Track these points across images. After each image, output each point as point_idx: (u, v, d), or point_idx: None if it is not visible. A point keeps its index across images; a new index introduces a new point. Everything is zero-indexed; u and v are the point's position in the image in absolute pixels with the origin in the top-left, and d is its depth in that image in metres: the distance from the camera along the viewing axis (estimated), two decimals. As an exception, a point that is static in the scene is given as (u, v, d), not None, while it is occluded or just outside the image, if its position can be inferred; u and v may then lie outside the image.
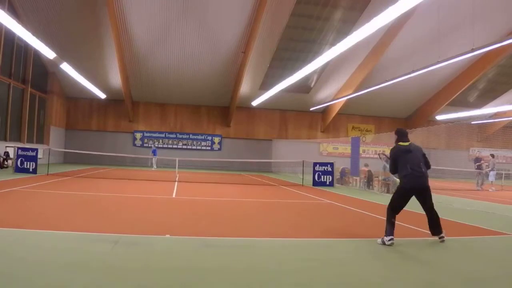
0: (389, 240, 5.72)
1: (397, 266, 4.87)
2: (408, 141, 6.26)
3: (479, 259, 5.43)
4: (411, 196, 6.02)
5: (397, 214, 5.97)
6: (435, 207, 6.14)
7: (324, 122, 31.87)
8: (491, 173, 18.91)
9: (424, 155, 6.21)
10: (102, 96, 27.26)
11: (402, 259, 5.17)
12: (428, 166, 6.19)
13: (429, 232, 6.21)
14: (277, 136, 31.10)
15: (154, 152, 26.50)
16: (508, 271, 4.86)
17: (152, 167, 25.86)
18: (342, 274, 4.43)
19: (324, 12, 21.47)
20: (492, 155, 19.52)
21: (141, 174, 20.24)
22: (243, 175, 24.45)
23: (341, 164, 19.61)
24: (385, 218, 5.99)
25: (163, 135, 30.31)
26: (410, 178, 5.92)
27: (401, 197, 6.01)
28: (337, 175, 18.41)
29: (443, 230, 6.13)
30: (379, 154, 7.61)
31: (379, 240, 5.87)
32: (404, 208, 6.05)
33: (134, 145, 29.84)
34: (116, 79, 25.83)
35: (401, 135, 6.34)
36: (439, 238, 6.05)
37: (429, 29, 20.31)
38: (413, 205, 6.07)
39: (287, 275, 4.25)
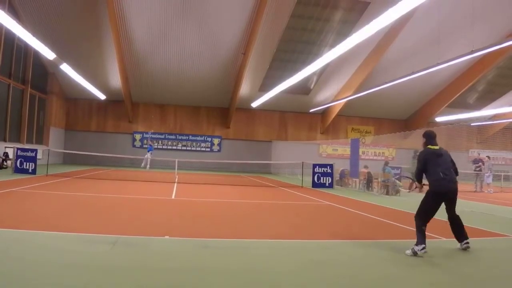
0: (422, 249, 5.36)
1: (398, 267, 4.86)
2: (437, 144, 5.98)
3: (479, 261, 5.42)
4: (442, 201, 5.74)
5: (428, 221, 5.67)
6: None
7: (323, 124, 31.87)
8: (487, 174, 18.93)
9: (452, 160, 5.98)
10: (102, 97, 27.24)
11: (402, 261, 5.16)
12: (456, 172, 5.96)
13: (431, 234, 6.15)
14: (276, 138, 31.09)
15: (149, 149, 25.42)
16: (509, 272, 4.85)
17: (142, 165, 24.84)
18: (342, 275, 4.42)
19: (324, 14, 21.50)
20: (488, 157, 19.56)
21: (141, 175, 20.22)
22: (243, 176, 24.45)
23: (340, 166, 19.61)
24: (415, 227, 5.65)
25: (163, 136, 30.29)
26: (443, 183, 5.65)
27: (433, 203, 5.68)
28: (336, 176, 18.41)
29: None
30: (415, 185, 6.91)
31: (409, 252, 5.44)
32: (405, 211, 5.95)
33: (134, 146, 29.81)
34: (115, 80, 25.84)
35: (430, 138, 6.03)
36: (464, 244, 5.82)
37: (428, 30, 20.34)
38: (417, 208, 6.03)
39: (286, 277, 4.25)
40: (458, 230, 5.91)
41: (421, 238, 5.45)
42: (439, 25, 18.51)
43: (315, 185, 17.10)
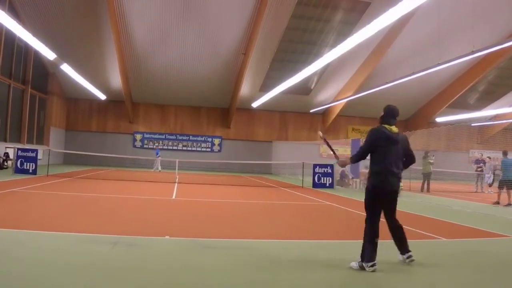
0: (371, 266, 4.47)
1: (397, 267, 4.84)
2: (395, 125, 4.86)
3: (478, 261, 5.41)
4: (383, 201, 4.73)
5: (377, 228, 4.68)
6: (433, 209, 5.98)
7: (324, 124, 31.87)
8: (488, 175, 18.91)
9: (408, 148, 4.95)
10: (102, 97, 27.26)
11: (402, 260, 5.15)
12: (410, 162, 4.98)
13: (431, 235, 6.09)
14: (277, 138, 31.09)
15: (156, 153, 26.23)
16: (508, 273, 4.85)
17: (154, 168, 25.71)
18: (342, 275, 4.42)
19: (325, 14, 21.50)
20: (489, 158, 19.56)
21: (141, 175, 20.23)
22: (243, 176, 24.44)
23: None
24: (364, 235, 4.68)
25: (163, 137, 30.31)
26: (388, 178, 4.67)
27: (374, 202, 4.71)
28: (337, 177, 18.40)
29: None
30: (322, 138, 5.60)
31: (354, 264, 4.60)
32: (406, 211, 5.77)
33: (134, 146, 29.82)
34: (116, 80, 25.85)
35: (389, 115, 4.93)
36: (407, 258, 4.81)
37: (429, 31, 20.32)
38: (417, 210, 6.05)
39: (286, 277, 4.24)
40: (400, 240, 4.87)
41: (371, 252, 4.51)
42: (439, 25, 18.49)
43: (315, 185, 17.09)
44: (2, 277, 3.73)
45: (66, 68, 19.83)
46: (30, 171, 16.03)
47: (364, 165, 17.66)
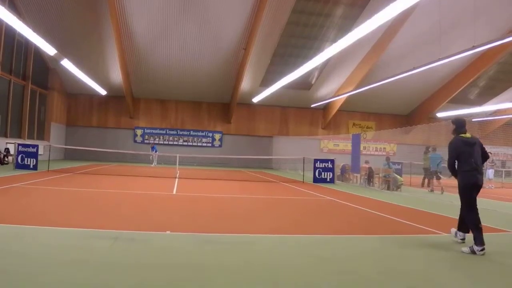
0: (481, 250, 5.21)
1: (397, 263, 4.86)
2: (466, 132, 5.94)
3: (479, 256, 5.42)
4: (477, 192, 5.67)
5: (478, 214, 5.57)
6: (434, 204, 6.03)
7: (325, 119, 31.86)
8: (489, 170, 18.92)
9: (483, 147, 5.94)
10: (103, 92, 27.24)
11: (401, 256, 5.17)
12: (486, 157, 5.98)
13: (431, 229, 6.12)
14: (277, 133, 31.09)
15: (153, 149, 26.58)
16: (508, 268, 4.86)
17: (152, 163, 25.97)
18: (343, 271, 4.43)
19: (325, 9, 21.42)
20: (490, 153, 19.55)
21: (142, 170, 20.25)
22: (244, 171, 24.46)
23: (341, 161, 19.62)
24: (469, 225, 5.55)
25: (164, 132, 30.32)
26: (476, 174, 5.64)
27: (471, 194, 5.67)
28: (337, 172, 18.42)
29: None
30: None
31: (466, 249, 5.36)
32: (406, 206, 5.88)
33: (135, 141, 29.85)
34: (116, 75, 25.83)
35: (460, 126, 6.06)
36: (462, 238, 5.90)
37: (430, 26, 20.26)
38: (418, 205, 6.05)
39: (287, 272, 4.26)
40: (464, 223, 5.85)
41: (480, 237, 5.25)
42: (440, 20, 18.43)
43: (316, 180, 17.12)
44: (2, 272, 3.74)
45: (66, 63, 19.80)
46: (31, 166, 16.05)
47: (364, 161, 17.71)
